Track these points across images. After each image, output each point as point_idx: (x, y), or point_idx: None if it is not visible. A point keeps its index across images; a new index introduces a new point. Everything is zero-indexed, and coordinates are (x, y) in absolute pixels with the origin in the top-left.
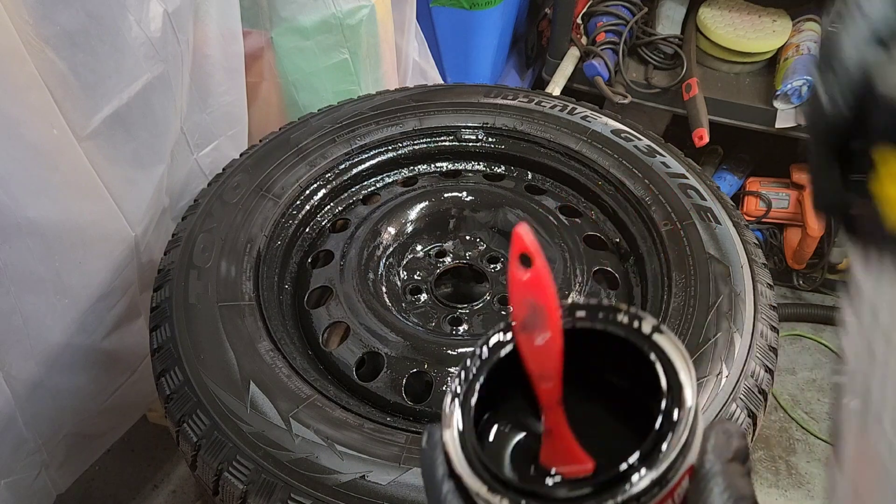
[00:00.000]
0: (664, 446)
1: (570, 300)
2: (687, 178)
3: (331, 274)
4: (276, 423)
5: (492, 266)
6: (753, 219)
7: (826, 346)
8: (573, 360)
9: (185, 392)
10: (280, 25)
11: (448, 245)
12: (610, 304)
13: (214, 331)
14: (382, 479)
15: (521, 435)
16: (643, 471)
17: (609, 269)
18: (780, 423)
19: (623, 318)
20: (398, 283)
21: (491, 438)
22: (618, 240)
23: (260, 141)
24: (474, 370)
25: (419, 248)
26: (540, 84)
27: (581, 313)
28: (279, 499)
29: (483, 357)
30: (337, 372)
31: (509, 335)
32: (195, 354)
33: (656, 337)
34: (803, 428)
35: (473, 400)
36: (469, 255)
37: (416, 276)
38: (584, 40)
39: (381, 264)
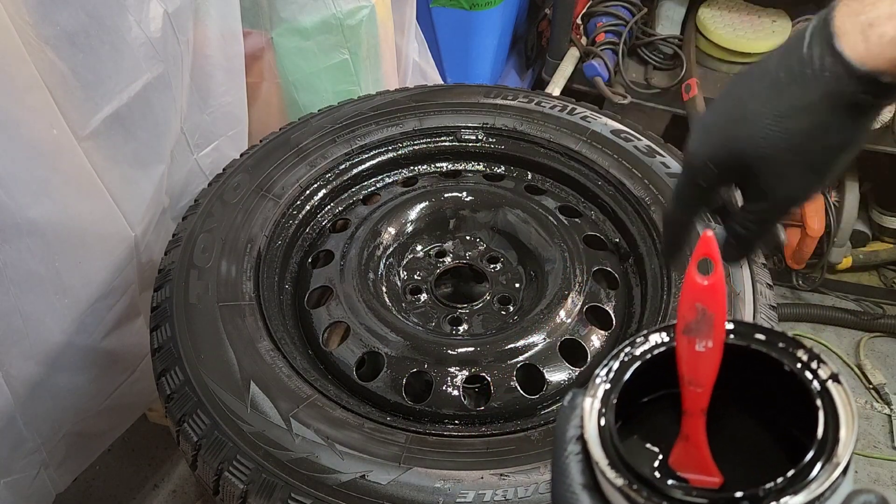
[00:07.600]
0: (803, 495)
1: (750, 319)
2: None
3: (331, 274)
4: (276, 422)
5: (492, 266)
6: None
7: (826, 346)
8: (727, 374)
9: (186, 392)
10: (280, 26)
11: (448, 245)
12: (793, 337)
13: (215, 331)
14: (382, 479)
15: (652, 433)
16: None
17: (609, 268)
18: None
19: (803, 355)
20: (398, 283)
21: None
22: (617, 240)
23: (260, 141)
24: (628, 358)
25: (419, 248)
26: (540, 84)
27: (760, 336)
28: (279, 498)
29: (641, 350)
30: (337, 372)
31: (669, 337)
32: (196, 354)
33: (830, 385)
34: None
35: (621, 383)
36: (469, 255)
37: (416, 276)
38: (583, 41)
39: (382, 264)
